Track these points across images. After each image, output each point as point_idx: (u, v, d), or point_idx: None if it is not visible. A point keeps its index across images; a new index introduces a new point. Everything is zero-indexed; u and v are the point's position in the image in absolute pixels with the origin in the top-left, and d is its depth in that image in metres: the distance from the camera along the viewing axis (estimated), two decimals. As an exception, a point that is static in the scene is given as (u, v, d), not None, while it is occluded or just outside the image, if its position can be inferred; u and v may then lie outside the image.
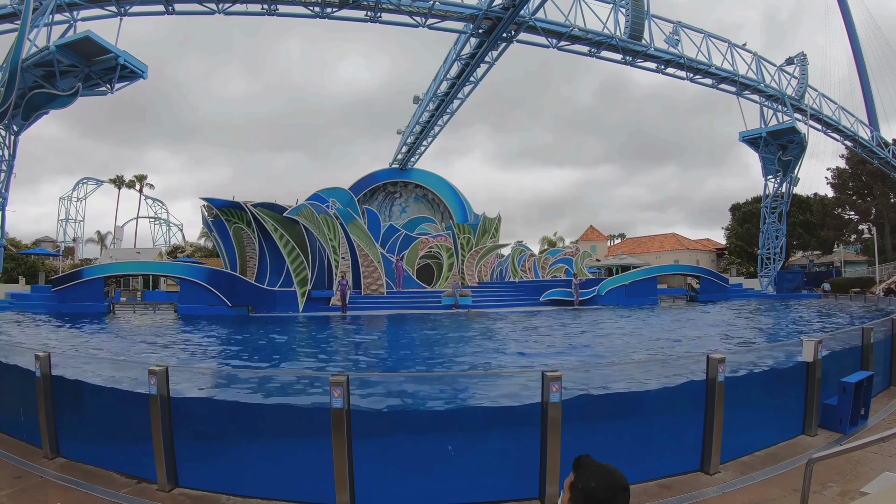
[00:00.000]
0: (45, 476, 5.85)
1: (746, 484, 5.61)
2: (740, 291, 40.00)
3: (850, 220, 57.61)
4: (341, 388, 4.94)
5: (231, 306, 26.31)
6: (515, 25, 26.37)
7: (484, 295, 32.10)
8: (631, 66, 32.35)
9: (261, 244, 29.89)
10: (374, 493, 5.18)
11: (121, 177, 73.43)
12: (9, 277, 34.28)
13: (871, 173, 51.37)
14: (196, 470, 5.63)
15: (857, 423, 7.38)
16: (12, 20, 23.65)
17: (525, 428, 5.40)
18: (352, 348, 15.61)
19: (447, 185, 43.49)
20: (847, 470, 5.70)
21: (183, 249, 67.43)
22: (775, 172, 39.39)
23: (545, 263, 42.12)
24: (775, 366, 8.16)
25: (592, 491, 1.90)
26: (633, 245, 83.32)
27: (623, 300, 32.12)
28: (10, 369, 7.68)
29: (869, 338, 8.67)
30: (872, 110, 46.21)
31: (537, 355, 13.26)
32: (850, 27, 47.97)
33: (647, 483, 5.56)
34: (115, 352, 14.03)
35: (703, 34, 33.72)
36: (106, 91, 24.31)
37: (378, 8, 26.09)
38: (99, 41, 22.17)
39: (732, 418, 5.99)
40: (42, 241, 66.34)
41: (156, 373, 5.49)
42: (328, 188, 36.93)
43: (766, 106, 38.33)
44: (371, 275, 30.30)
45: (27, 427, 6.88)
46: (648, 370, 8.33)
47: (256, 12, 26.19)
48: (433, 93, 33.03)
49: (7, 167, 24.30)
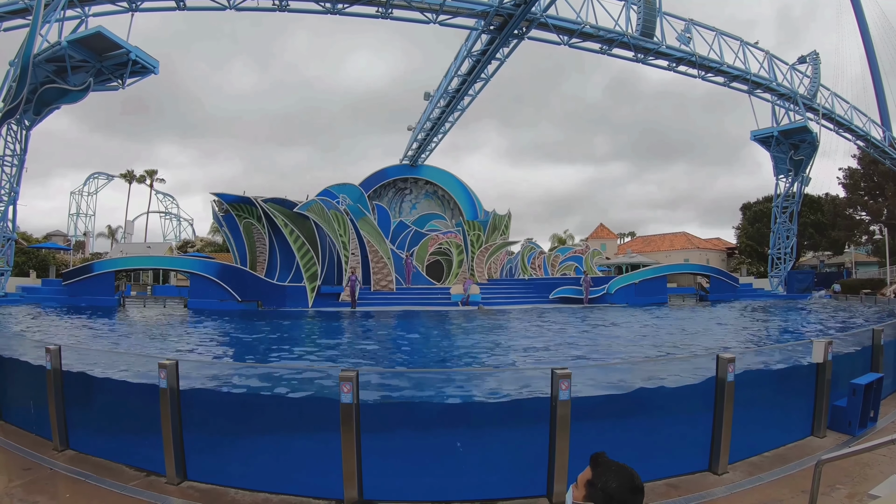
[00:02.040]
0: (54, 468, 5.90)
1: (755, 485, 5.60)
2: (750, 291, 39.74)
3: (861, 220, 57.10)
4: (351, 384, 4.96)
5: (241, 301, 26.41)
6: (527, 22, 26.27)
7: (494, 292, 32.07)
8: (642, 63, 32.19)
9: (271, 239, 29.99)
10: (382, 488, 5.19)
11: (131, 171, 73.87)
12: (20, 271, 34.50)
13: (884, 174, 50.89)
14: (204, 463, 5.66)
15: (866, 425, 7.35)
16: (24, 16, 23.78)
17: (533, 425, 5.40)
18: (361, 344, 15.63)
19: (457, 181, 43.43)
20: (856, 472, 5.67)
21: (193, 244, 67.70)
22: (787, 172, 39.09)
23: (555, 261, 42.03)
24: (785, 366, 8.11)
25: (613, 491, 1.90)
26: (643, 243, 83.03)
27: (633, 299, 31.99)
28: (21, 363, 7.75)
29: (879, 339, 8.62)
30: (885, 110, 45.73)
31: (545, 350, 13.25)
32: (862, 25, 47.46)
33: (655, 482, 5.55)
34: (124, 345, 14.10)
35: (715, 32, 33.47)
36: (117, 86, 24.41)
37: (389, 4, 26.08)
38: (110, 36, 22.25)
39: (741, 418, 5.97)
40: (53, 235, 66.71)
41: (166, 366, 5.52)
42: (338, 184, 36.98)
43: (778, 105, 38.04)
44: (381, 271, 30.35)
45: (37, 419, 6.95)
46: (657, 368, 8.30)
47: (267, 8, 26.22)
48: (444, 89, 32.94)
49: (19, 162, 24.44)
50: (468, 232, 34.71)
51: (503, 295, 32.46)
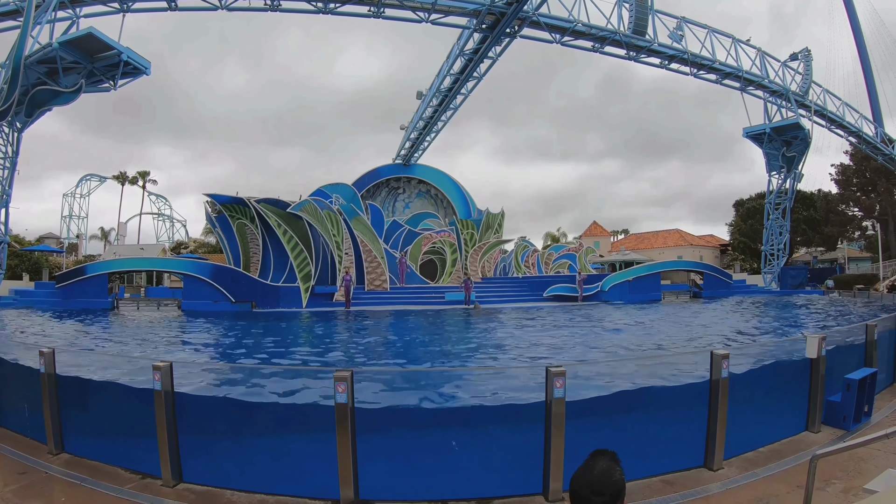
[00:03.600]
0: (49, 472, 5.88)
1: (750, 480, 5.62)
2: (744, 288, 39.90)
3: (854, 216, 57.30)
4: (345, 384, 4.95)
5: (235, 302, 26.34)
6: (519, 21, 26.28)
7: (488, 290, 32.08)
8: (635, 61, 32.28)
9: (264, 240, 29.94)
10: (378, 488, 5.19)
11: (124, 173, 73.50)
12: (13, 274, 34.39)
13: (876, 170, 51.08)
14: (200, 465, 5.65)
15: (860, 420, 7.38)
16: (15, 17, 23.68)
17: (529, 423, 5.40)
18: (356, 343, 15.62)
19: (450, 180, 43.48)
20: (850, 467, 5.70)
21: (186, 245, 67.47)
22: (779, 168, 39.23)
23: (548, 259, 42.13)
24: (779, 362, 8.14)
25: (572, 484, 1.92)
26: (637, 241, 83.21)
27: (626, 296, 32.04)
28: (15, 365, 7.71)
29: (873, 334, 8.66)
30: (877, 106, 46.00)
31: (541, 346, 13.26)
32: (854, 23, 47.76)
33: (650, 479, 5.56)
34: (118, 348, 14.05)
35: (707, 29, 33.60)
36: (109, 87, 24.28)
37: (381, 3, 26.06)
38: (102, 38, 22.14)
39: (736, 414, 6.00)
40: (46, 237, 66.43)
41: (160, 368, 5.50)
42: (331, 184, 36.99)
43: (771, 102, 38.20)
44: (374, 270, 30.32)
45: (32, 423, 6.91)
46: (652, 365, 8.32)
47: (259, 8, 26.17)
48: (436, 88, 32.93)
49: (10, 164, 24.31)
50: (462, 231, 34.73)
51: (498, 293, 32.48)
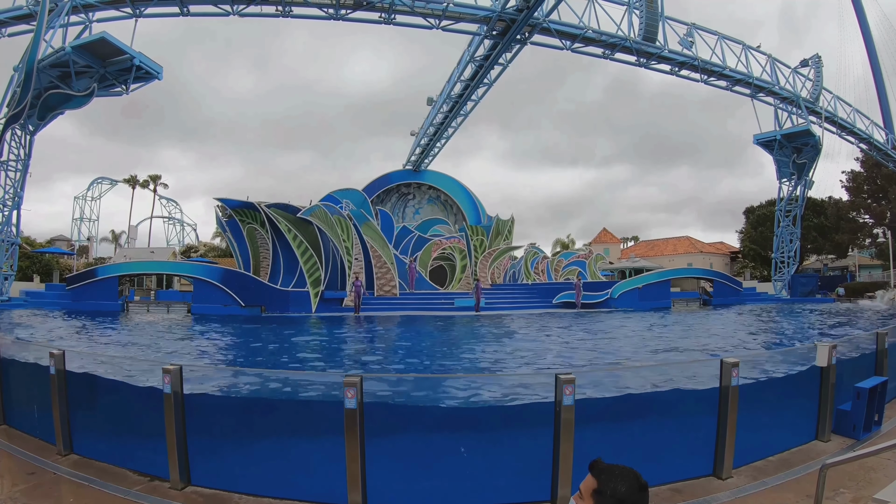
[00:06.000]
0: (58, 472, 5.90)
1: (759, 489, 5.57)
2: (754, 295, 39.73)
3: (864, 223, 56.92)
4: (355, 389, 4.95)
5: (244, 306, 26.43)
6: (529, 27, 26.34)
7: (497, 297, 32.08)
8: (645, 67, 32.25)
9: (274, 244, 30.02)
10: (386, 493, 5.18)
11: (135, 176, 74.04)
12: (24, 275, 34.68)
13: (887, 176, 50.74)
14: (208, 468, 5.65)
15: (870, 429, 7.32)
16: (28, 21, 23.93)
17: (537, 429, 5.39)
18: (365, 348, 15.64)
19: (460, 186, 43.52)
20: (860, 476, 5.65)
21: (196, 249, 67.90)
22: (790, 175, 39.11)
23: (558, 266, 42.04)
24: (789, 370, 8.09)
25: (624, 495, 1.91)
26: (647, 248, 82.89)
27: (636, 303, 31.94)
28: (25, 366, 7.76)
29: (883, 343, 8.58)
30: (888, 113, 45.66)
31: (548, 352, 13.23)
32: (864, 28, 47.42)
33: (658, 487, 5.52)
34: (128, 350, 14.12)
35: (717, 36, 33.50)
36: (121, 91, 24.50)
37: (392, 10, 26.17)
38: (114, 42, 22.35)
39: (745, 422, 5.94)
40: (56, 239, 66.91)
41: (170, 371, 5.52)
42: (342, 189, 37.09)
43: (781, 108, 38.08)
44: (384, 276, 30.35)
45: (41, 424, 6.95)
46: (661, 372, 8.29)
47: (271, 14, 26.37)
48: (447, 94, 33.02)
49: (23, 167, 24.56)
50: (471, 237, 34.75)
51: (507, 300, 32.47)
